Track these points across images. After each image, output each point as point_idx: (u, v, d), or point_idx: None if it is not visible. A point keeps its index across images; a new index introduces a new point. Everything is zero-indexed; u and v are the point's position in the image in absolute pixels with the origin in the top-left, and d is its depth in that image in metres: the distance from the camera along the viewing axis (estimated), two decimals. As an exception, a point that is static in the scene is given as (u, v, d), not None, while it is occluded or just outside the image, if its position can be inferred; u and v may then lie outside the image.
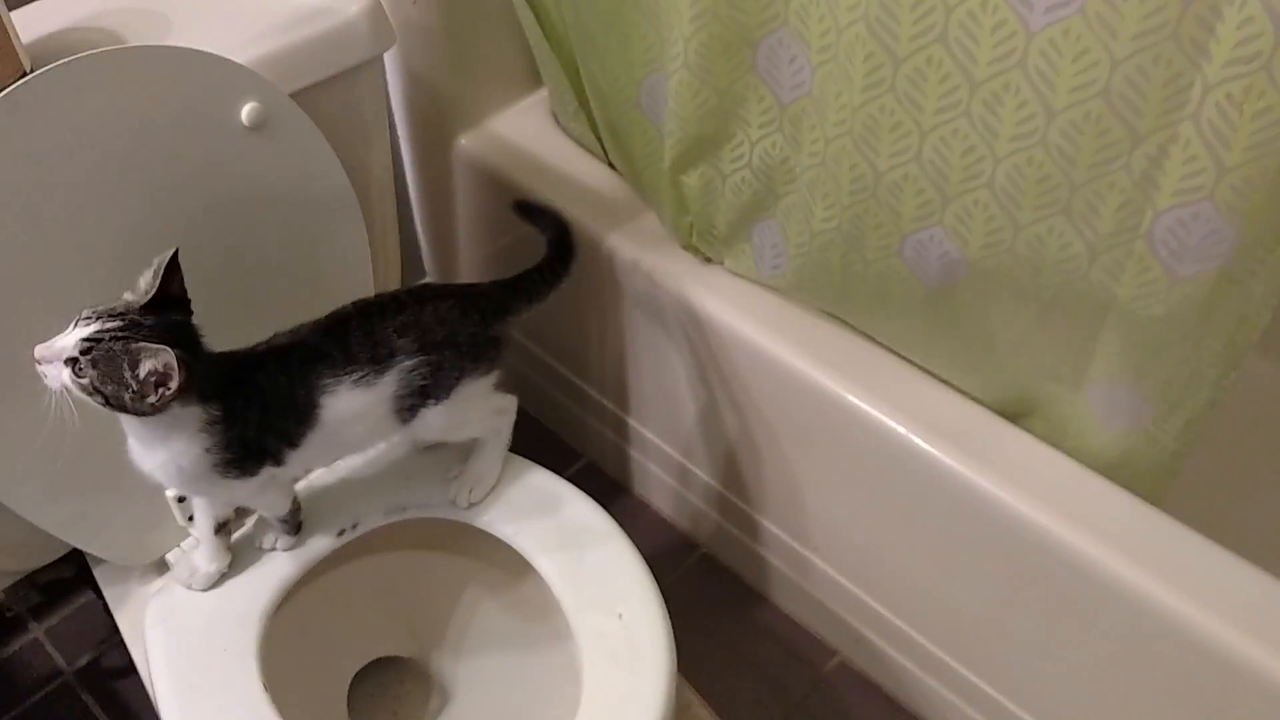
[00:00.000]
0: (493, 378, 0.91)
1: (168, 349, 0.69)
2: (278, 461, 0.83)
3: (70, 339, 0.70)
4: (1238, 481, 1.25)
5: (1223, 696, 0.90)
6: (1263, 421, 1.33)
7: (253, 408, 0.79)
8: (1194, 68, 0.71)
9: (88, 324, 0.71)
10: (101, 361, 0.70)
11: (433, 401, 0.86)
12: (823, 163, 0.95)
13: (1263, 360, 1.30)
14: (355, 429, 0.85)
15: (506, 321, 0.92)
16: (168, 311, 0.74)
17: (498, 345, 0.90)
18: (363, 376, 0.82)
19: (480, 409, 0.93)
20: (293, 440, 0.82)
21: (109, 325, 0.71)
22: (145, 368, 0.70)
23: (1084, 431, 0.98)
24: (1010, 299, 0.92)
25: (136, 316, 0.72)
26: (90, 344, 0.70)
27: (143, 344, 0.70)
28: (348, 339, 0.83)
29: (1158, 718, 0.97)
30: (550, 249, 1.00)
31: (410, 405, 0.86)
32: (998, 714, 1.13)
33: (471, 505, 0.97)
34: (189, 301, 0.76)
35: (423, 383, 0.85)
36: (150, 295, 0.73)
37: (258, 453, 0.81)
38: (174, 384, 0.71)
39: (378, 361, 0.83)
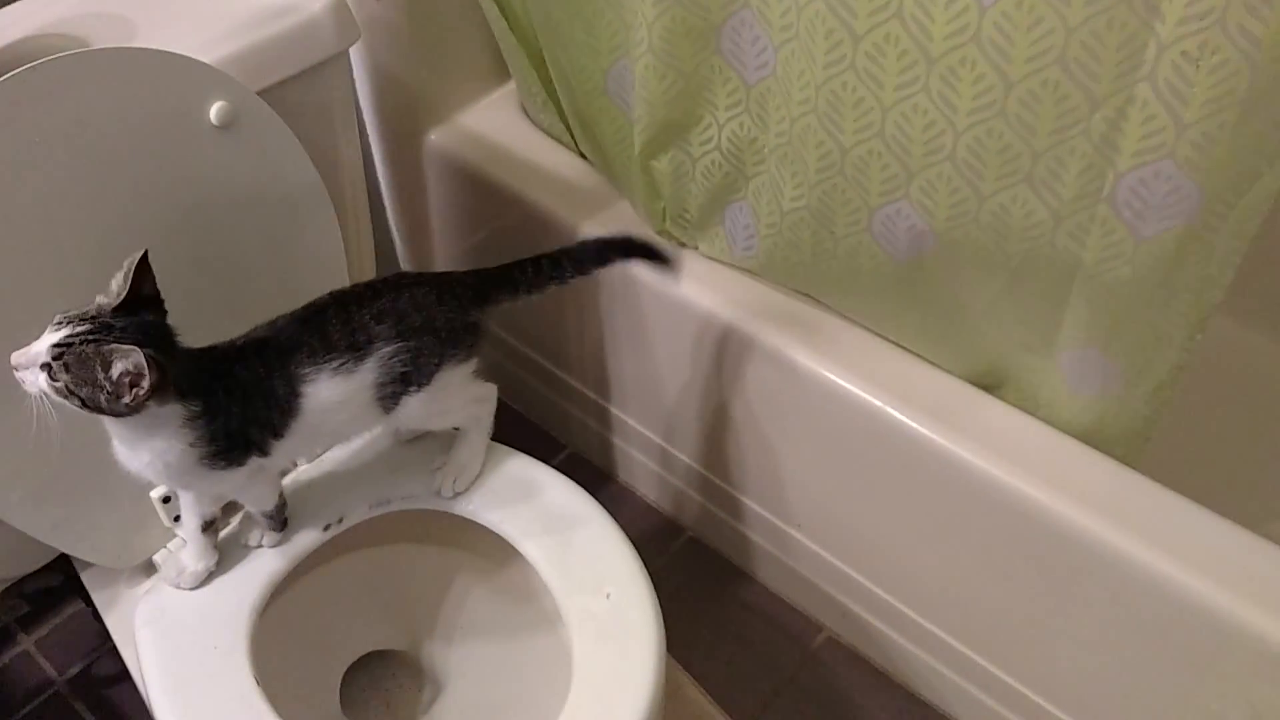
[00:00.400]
0: (472, 365, 0.92)
1: (137, 349, 0.70)
2: (264, 452, 0.83)
3: (43, 344, 0.71)
4: (1208, 439, 1.27)
5: (1208, 651, 0.91)
6: (1231, 381, 1.35)
7: (234, 400, 0.80)
8: (1147, 29, 0.72)
9: (59, 329, 0.71)
10: (74, 365, 0.70)
11: (414, 389, 0.87)
12: (789, 141, 0.96)
13: (1227, 319, 1.32)
14: (339, 417, 0.85)
15: (484, 309, 0.92)
16: (141, 312, 0.75)
17: (476, 331, 0.91)
18: (342, 364, 0.83)
19: (461, 396, 0.93)
20: (276, 430, 0.83)
21: (79, 329, 0.71)
22: (117, 369, 0.71)
23: (1055, 400, 1.00)
24: (978, 269, 0.94)
25: (108, 319, 0.73)
26: (62, 348, 0.70)
27: (114, 345, 0.71)
28: (325, 327, 0.84)
29: (1145, 676, 0.99)
30: (580, 253, 0.96)
31: (392, 393, 0.86)
32: (986, 681, 1.15)
33: (456, 495, 0.97)
34: (162, 301, 0.77)
35: (403, 369, 0.85)
36: (122, 297, 0.74)
37: (243, 444, 0.81)
38: (146, 383, 0.71)
39: (356, 349, 0.84)
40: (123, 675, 1.25)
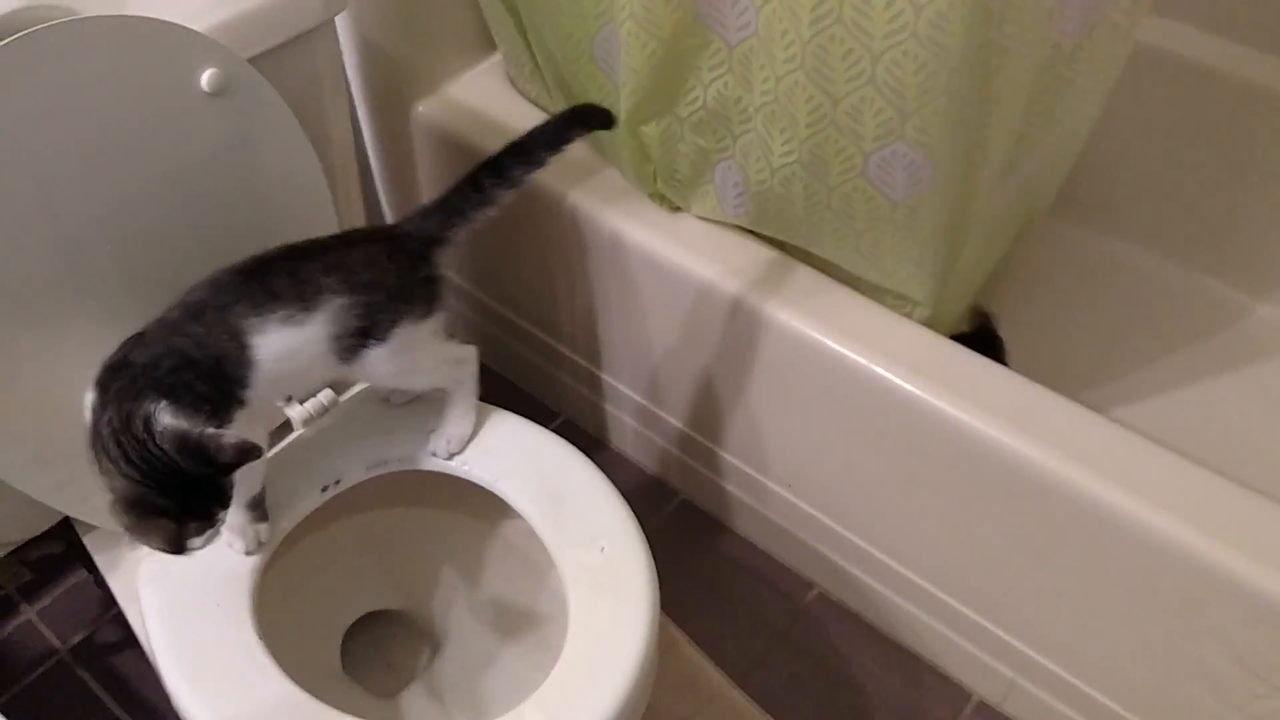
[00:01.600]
0: (433, 322, 0.91)
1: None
2: (241, 401, 0.83)
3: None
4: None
5: (1188, 596, 0.94)
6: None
7: (184, 369, 0.80)
8: None
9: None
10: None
11: (374, 342, 0.87)
12: (775, 100, 0.97)
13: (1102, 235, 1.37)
14: (296, 363, 0.85)
15: (438, 253, 0.92)
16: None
17: (432, 285, 0.91)
18: (290, 315, 0.83)
19: (432, 356, 0.94)
20: (239, 381, 0.83)
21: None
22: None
23: None
24: (976, 201, 0.94)
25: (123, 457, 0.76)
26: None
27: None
28: (270, 279, 0.84)
29: (1130, 624, 1.01)
30: (530, 143, 0.97)
31: (351, 345, 0.87)
32: (974, 632, 1.17)
33: (451, 455, 0.99)
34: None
35: (360, 323, 0.86)
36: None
37: (221, 400, 0.81)
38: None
39: (305, 299, 0.84)
40: (126, 643, 1.27)
